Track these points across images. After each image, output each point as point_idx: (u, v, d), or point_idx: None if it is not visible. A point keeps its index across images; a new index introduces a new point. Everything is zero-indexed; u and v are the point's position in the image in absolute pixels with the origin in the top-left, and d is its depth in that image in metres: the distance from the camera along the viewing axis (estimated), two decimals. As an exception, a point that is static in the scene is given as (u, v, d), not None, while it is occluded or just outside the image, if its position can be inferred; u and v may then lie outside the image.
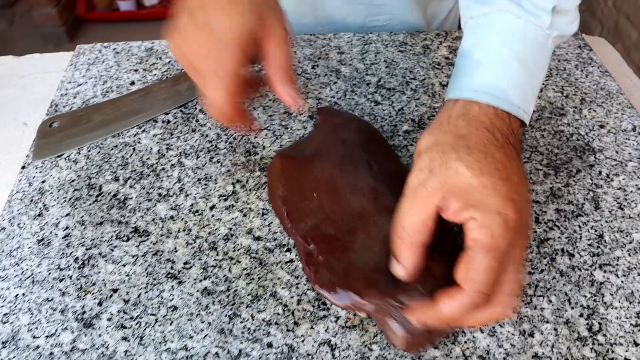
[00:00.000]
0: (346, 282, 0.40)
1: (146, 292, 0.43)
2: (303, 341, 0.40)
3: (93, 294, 0.43)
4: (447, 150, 0.36)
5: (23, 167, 0.53)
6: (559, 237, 0.46)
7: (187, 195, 0.50)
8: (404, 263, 0.36)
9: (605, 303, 0.42)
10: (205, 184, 0.51)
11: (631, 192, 0.50)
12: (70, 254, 0.46)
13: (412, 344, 0.38)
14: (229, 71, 0.39)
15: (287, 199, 0.46)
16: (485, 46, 0.42)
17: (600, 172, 0.52)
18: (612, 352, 0.39)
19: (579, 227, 0.47)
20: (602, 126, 0.57)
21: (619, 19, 1.68)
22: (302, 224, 0.44)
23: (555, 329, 0.40)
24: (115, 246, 0.46)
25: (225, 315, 0.41)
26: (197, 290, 0.43)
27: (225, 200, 0.49)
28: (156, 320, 0.41)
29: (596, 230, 0.47)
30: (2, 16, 2.43)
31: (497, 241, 0.33)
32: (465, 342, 0.40)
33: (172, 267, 0.44)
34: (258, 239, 0.46)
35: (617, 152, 0.54)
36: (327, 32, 0.69)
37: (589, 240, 0.46)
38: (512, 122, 0.39)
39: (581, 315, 0.41)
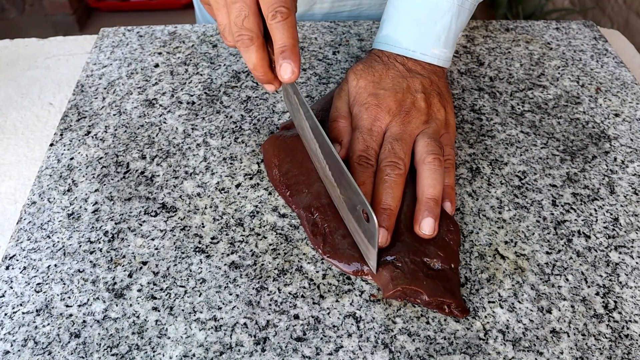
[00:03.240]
0: (354, 248, 0.43)
1: (175, 265, 0.44)
2: (329, 313, 0.41)
3: (123, 266, 0.44)
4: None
5: (51, 145, 0.54)
6: (576, 220, 0.48)
7: (213, 174, 0.51)
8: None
9: (620, 283, 0.43)
10: (231, 163, 0.52)
11: (646, 178, 0.51)
12: (100, 227, 0.47)
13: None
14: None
15: (285, 173, 0.48)
16: (388, 8, 0.55)
17: (615, 159, 0.53)
18: (627, 328, 0.41)
19: (595, 210, 0.49)
20: (617, 115, 0.58)
21: (629, 16, 1.69)
22: (303, 194, 0.46)
23: (572, 306, 0.42)
24: (144, 221, 0.47)
25: (253, 288, 0.43)
26: (225, 264, 0.44)
27: (251, 178, 0.51)
28: (185, 292, 0.42)
29: (611, 214, 0.48)
30: (13, 5, 2.44)
31: (357, 122, 0.49)
32: (486, 317, 0.41)
33: (199, 242, 0.46)
34: (283, 216, 0.47)
35: (631, 139, 0.55)
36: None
37: (604, 223, 0.48)
38: (407, 60, 0.52)
39: (597, 293, 0.43)
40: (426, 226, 0.44)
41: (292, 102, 0.45)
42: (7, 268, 0.44)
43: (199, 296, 0.42)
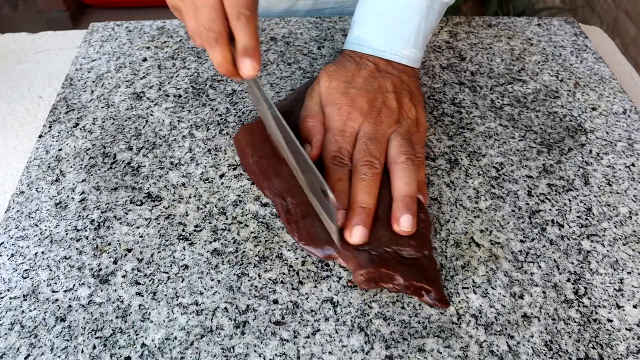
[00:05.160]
0: (325, 233, 0.44)
1: (159, 252, 0.45)
2: (307, 298, 0.42)
3: (108, 253, 0.45)
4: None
5: (40, 136, 0.55)
6: (550, 209, 0.49)
7: (197, 164, 0.52)
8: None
9: (591, 270, 0.45)
10: (215, 154, 0.53)
11: (619, 169, 0.53)
12: (87, 216, 0.48)
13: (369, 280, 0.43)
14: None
15: (258, 160, 0.49)
16: (358, 10, 0.56)
17: (590, 151, 0.55)
18: (596, 313, 0.42)
19: (569, 200, 0.50)
20: (594, 109, 0.59)
21: (618, 15, 1.71)
22: (276, 180, 0.48)
23: (544, 292, 0.43)
24: (130, 210, 0.48)
25: (234, 274, 0.44)
26: (207, 251, 0.45)
27: (234, 169, 0.52)
28: (168, 278, 0.44)
29: (585, 204, 0.50)
30: (6, 1, 2.44)
31: (330, 123, 0.50)
32: (459, 302, 0.42)
33: (183, 230, 0.47)
34: (265, 205, 0.49)
35: (607, 132, 0.57)
36: (276, 17, 0.72)
37: (578, 212, 0.49)
38: (378, 60, 0.54)
39: (568, 280, 0.44)
40: (405, 222, 0.44)
41: (255, 95, 0.47)
42: (-6, 255, 0.45)
43: (182, 282, 0.43)
